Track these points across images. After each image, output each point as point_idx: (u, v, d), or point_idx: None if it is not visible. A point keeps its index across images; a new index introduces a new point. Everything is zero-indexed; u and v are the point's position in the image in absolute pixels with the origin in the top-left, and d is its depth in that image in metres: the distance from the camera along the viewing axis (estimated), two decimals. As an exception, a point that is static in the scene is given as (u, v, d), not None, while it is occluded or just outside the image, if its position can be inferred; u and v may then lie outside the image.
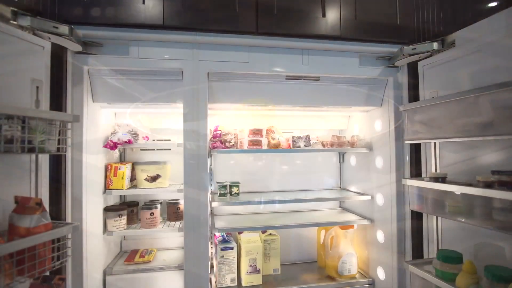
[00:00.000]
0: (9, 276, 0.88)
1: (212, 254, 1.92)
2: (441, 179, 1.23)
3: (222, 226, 1.82)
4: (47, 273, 1.12)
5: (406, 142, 1.45)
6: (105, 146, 1.67)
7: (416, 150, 1.61)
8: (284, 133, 2.06)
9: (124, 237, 2.04)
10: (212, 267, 1.87)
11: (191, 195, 1.57)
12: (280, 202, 1.91)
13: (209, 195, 1.72)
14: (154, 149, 2.08)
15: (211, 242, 1.89)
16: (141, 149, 2.06)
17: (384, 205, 1.80)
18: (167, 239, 2.09)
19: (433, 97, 1.37)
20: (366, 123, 2.01)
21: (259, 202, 1.86)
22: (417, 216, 1.57)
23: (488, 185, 1.04)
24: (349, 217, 2.05)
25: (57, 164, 1.27)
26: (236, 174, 2.18)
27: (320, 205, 2.29)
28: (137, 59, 1.49)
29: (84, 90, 1.47)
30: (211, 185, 2.09)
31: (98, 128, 1.65)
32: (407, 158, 1.63)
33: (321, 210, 2.25)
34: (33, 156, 1.14)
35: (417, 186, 1.34)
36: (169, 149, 2.09)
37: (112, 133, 1.73)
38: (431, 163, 1.46)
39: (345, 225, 2.05)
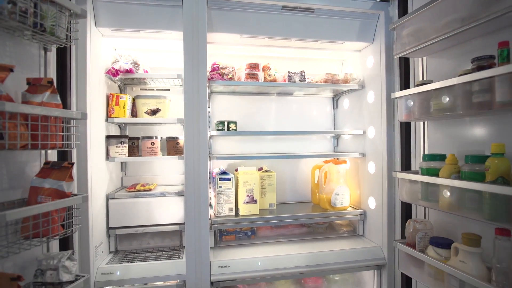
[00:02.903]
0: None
1: (210, 188, 1.99)
2: (425, 82, 1.32)
3: (221, 154, 1.89)
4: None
5: (395, 56, 1.53)
6: (107, 73, 1.73)
7: (406, 78, 1.69)
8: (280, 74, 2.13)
9: (125, 173, 2.10)
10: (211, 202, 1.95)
11: (191, 127, 1.63)
12: (275, 133, 1.98)
13: (208, 130, 1.77)
14: (153, 89, 2.13)
15: (210, 178, 1.95)
16: (140, 89, 2.12)
17: (375, 137, 1.89)
18: (167, 177, 2.16)
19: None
20: (359, 63, 2.09)
21: (256, 133, 1.93)
22: (406, 132, 1.66)
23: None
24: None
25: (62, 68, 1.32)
26: (232, 118, 2.25)
27: (315, 148, 2.37)
28: (139, -18, 1.55)
29: (88, 13, 1.52)
30: (209, 127, 2.16)
31: (99, 57, 1.70)
32: (397, 84, 1.72)
33: (316, 153, 2.33)
34: (42, 51, 1.20)
35: (405, 95, 1.42)
36: (169, 90, 2.15)
37: (113, 62, 1.78)
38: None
39: (338, 161, 2.15)
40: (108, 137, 1.78)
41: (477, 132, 1.31)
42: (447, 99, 1.21)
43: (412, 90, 1.38)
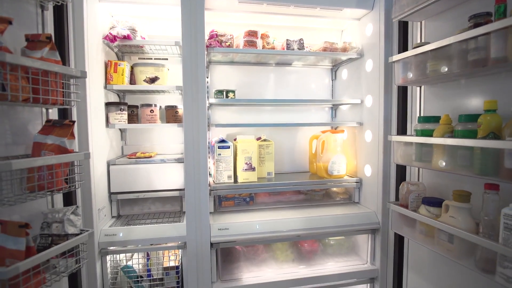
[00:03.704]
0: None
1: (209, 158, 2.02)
2: (422, 44, 1.32)
3: (220, 122, 1.91)
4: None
5: (394, 20, 1.52)
6: (105, 38, 1.72)
7: (404, 44, 1.69)
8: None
9: (125, 142, 2.13)
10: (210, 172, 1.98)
11: (190, 94, 1.64)
12: (273, 101, 1.99)
13: (207, 98, 1.78)
14: (151, 58, 2.13)
15: (209, 148, 1.97)
16: (138, 58, 2.11)
17: (373, 106, 1.91)
18: (167, 146, 2.19)
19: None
20: (358, 32, 2.07)
21: (254, 100, 1.94)
22: (402, 98, 1.67)
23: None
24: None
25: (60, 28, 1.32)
26: (231, 88, 2.25)
27: (313, 119, 2.38)
28: None
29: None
30: (208, 98, 2.17)
31: (96, 21, 1.68)
32: (396, 51, 1.72)
33: (314, 122, 2.35)
34: (39, 9, 1.19)
35: (403, 58, 1.43)
36: (167, 59, 2.15)
37: (110, 28, 1.77)
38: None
39: (335, 130, 2.17)
40: (108, 104, 1.79)
41: (472, 96, 1.33)
42: (443, 60, 1.22)
43: (409, 52, 1.39)
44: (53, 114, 1.29)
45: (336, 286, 1.92)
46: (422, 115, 1.60)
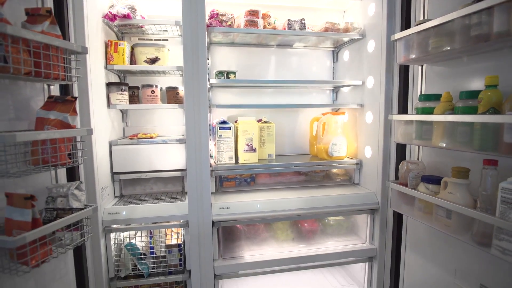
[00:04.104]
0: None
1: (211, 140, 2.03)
2: (425, 21, 1.31)
3: (221, 104, 1.91)
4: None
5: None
6: (104, 17, 1.70)
7: (407, 23, 1.67)
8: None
9: (127, 124, 2.13)
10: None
11: (191, 74, 1.63)
12: (274, 81, 1.98)
13: (208, 79, 1.77)
14: (152, 39, 2.11)
15: (210, 130, 1.98)
16: (138, 39, 2.10)
17: (374, 87, 1.90)
18: (168, 128, 2.20)
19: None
20: (360, 12, 2.04)
21: (255, 81, 1.94)
22: (404, 78, 1.67)
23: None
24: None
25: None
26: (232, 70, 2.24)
27: (314, 101, 2.38)
28: None
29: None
30: (209, 79, 2.16)
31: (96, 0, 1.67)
32: (398, 30, 1.70)
33: (315, 103, 2.35)
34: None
35: (405, 35, 1.42)
36: (167, 40, 2.13)
37: (110, 7, 1.75)
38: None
39: (336, 112, 2.18)
40: (109, 84, 1.79)
41: (473, 74, 1.32)
42: (446, 36, 1.21)
43: (412, 29, 1.38)
44: (55, 91, 1.29)
45: (335, 265, 1.96)
46: (423, 93, 1.59)
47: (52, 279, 1.28)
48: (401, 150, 1.74)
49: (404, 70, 1.68)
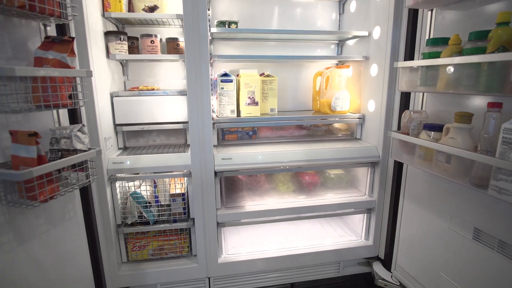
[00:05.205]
0: None
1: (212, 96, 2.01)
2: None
3: (222, 53, 1.87)
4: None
5: None
6: (99, -42, 1.62)
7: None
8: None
9: (128, 77, 2.11)
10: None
11: (191, 22, 1.57)
12: (277, 31, 1.92)
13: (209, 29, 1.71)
14: (150, -13, 2.02)
15: (212, 84, 1.95)
16: (136, -14, 2.00)
17: (380, 37, 1.83)
18: (169, 82, 2.17)
19: None
20: (370, -44, 1.92)
21: (258, 31, 1.87)
22: (412, 26, 1.60)
23: None
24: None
25: None
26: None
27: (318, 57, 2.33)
28: None
29: None
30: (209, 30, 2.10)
31: None
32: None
33: (319, 55, 2.29)
34: None
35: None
36: (166, -12, 2.04)
37: None
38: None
39: (340, 65, 2.13)
40: (107, 34, 1.75)
41: (485, 17, 1.26)
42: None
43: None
44: (52, 32, 1.26)
45: (335, 215, 2.02)
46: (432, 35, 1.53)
47: (61, 218, 1.34)
48: (405, 102, 1.72)
49: (413, 17, 1.61)
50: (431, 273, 1.62)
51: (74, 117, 1.39)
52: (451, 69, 1.21)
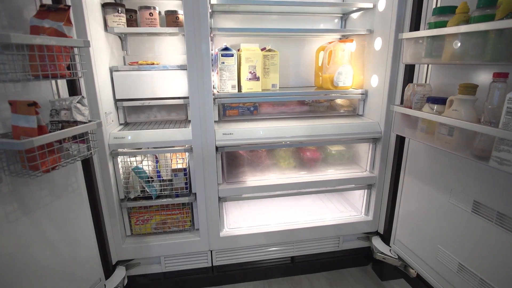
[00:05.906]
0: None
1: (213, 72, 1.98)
2: None
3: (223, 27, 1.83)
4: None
5: None
6: None
7: None
8: None
9: (127, 52, 2.07)
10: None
11: None
12: (279, 3, 1.86)
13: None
14: (147, -43, 1.95)
15: (212, 59, 1.91)
16: (133, -44, 1.94)
17: (386, 9, 1.78)
18: (169, 57, 2.13)
19: None
20: None
21: (258, 1, 1.81)
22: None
23: None
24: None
25: None
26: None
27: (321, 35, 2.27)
28: None
29: None
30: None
31: None
32: None
33: (322, 28, 2.24)
34: None
35: None
36: (164, -42, 1.97)
37: None
38: None
39: (344, 39, 2.08)
40: (104, 5, 1.70)
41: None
42: None
43: None
44: (47, 0, 1.23)
45: (335, 191, 2.04)
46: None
47: (65, 190, 1.36)
48: (409, 77, 1.68)
49: (420, -14, 1.55)
50: (429, 246, 1.65)
51: (74, 89, 1.38)
52: (457, 42, 1.17)
